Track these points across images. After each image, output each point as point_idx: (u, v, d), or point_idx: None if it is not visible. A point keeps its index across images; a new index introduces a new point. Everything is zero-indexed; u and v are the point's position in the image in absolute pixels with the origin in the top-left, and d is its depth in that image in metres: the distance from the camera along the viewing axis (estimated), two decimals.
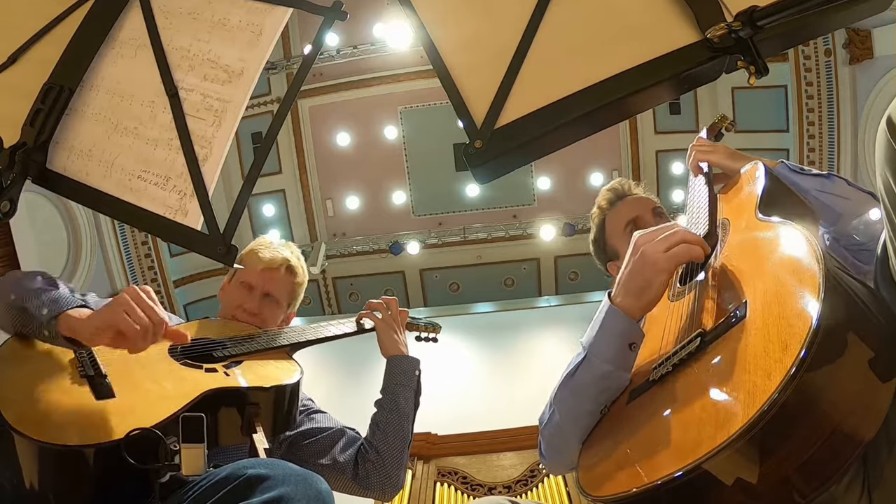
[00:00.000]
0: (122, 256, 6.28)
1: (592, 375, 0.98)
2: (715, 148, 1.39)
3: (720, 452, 0.66)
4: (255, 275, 1.69)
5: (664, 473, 0.71)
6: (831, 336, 0.67)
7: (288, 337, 1.53)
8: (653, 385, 0.90)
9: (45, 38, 1.24)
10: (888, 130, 0.66)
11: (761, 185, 1.10)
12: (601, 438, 0.96)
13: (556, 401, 1.05)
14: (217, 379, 1.24)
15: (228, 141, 1.12)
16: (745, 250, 0.95)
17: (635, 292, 0.96)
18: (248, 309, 1.65)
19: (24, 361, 1.16)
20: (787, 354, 0.67)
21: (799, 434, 0.66)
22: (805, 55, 5.79)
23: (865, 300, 0.74)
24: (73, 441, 0.99)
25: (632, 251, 0.99)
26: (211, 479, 0.93)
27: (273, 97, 6.99)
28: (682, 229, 0.98)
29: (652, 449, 0.79)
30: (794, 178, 1.29)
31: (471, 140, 0.98)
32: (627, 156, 7.49)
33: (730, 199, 1.19)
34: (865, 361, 0.68)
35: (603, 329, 0.98)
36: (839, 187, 1.29)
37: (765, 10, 0.86)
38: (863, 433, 0.67)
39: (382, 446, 1.55)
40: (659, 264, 0.94)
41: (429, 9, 1.09)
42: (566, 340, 5.34)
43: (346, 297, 8.29)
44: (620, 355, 0.97)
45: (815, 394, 0.66)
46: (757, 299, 0.80)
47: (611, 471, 0.86)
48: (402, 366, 1.65)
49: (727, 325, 0.82)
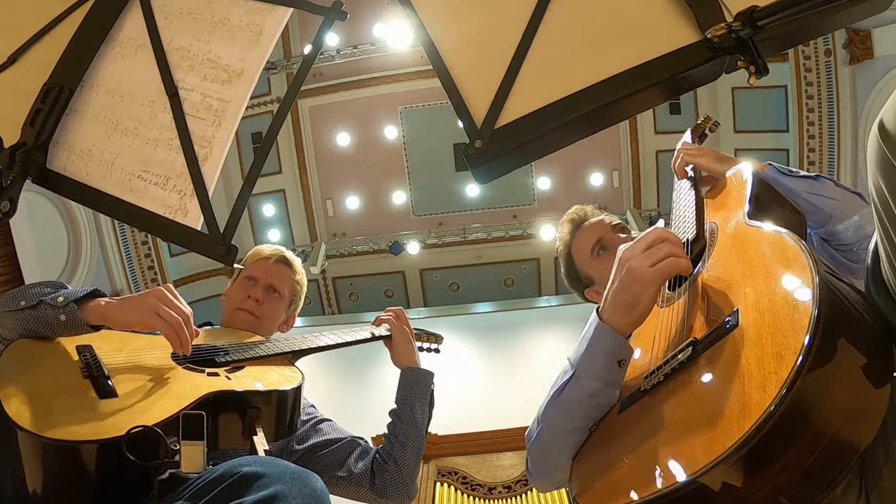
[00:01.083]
0: (122, 256, 6.29)
1: (581, 393, 0.96)
2: (702, 151, 1.36)
3: (716, 466, 0.66)
4: (257, 267, 1.77)
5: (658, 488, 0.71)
6: (825, 344, 0.66)
7: (290, 344, 1.53)
8: (644, 395, 0.89)
9: (45, 38, 1.24)
10: (880, 135, 0.66)
11: (749, 188, 1.08)
12: (593, 451, 0.95)
13: (544, 419, 1.03)
14: (219, 382, 1.24)
15: (228, 141, 1.12)
16: (735, 256, 0.94)
17: (623, 309, 0.94)
18: (253, 296, 1.70)
19: (29, 361, 1.17)
20: (781, 366, 0.66)
21: (796, 445, 0.65)
22: (805, 55, 5.79)
23: (857, 305, 0.73)
24: (75, 437, 0.99)
25: (617, 266, 0.97)
26: (207, 476, 0.93)
27: (273, 97, 7.00)
28: (667, 241, 0.95)
29: (645, 463, 0.78)
30: (783, 181, 1.28)
31: (471, 140, 0.98)
32: (627, 156, 7.50)
33: (717, 203, 1.17)
34: (859, 368, 0.67)
35: (591, 346, 0.96)
36: (828, 189, 1.28)
37: (765, 10, 0.86)
38: (860, 440, 0.66)
39: (401, 458, 1.57)
40: (645, 279, 0.92)
41: (429, 9, 1.09)
42: (566, 340, 5.34)
43: (346, 297, 8.30)
44: (609, 372, 0.95)
45: (811, 403, 0.65)
46: (749, 307, 0.79)
47: (604, 486, 0.85)
48: (419, 379, 1.66)
49: (719, 333, 0.81)
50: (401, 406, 1.63)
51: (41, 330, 1.20)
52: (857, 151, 5.60)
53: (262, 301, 1.71)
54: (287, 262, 1.81)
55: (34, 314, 1.19)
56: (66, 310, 1.18)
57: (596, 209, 1.67)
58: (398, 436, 1.59)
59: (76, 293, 1.21)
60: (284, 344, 1.54)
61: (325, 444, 1.60)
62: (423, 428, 1.62)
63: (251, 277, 1.76)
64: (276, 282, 1.75)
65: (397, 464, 1.56)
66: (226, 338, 1.54)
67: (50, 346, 1.22)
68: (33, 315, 1.19)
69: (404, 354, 1.70)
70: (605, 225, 1.59)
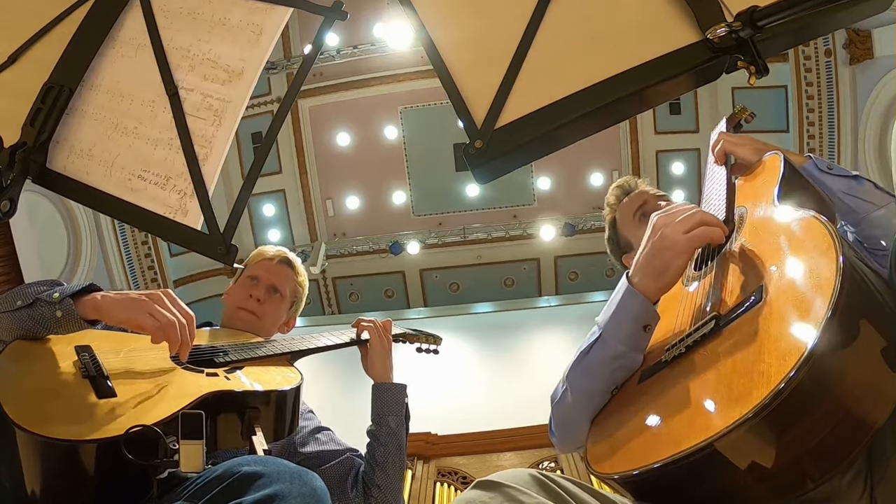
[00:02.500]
0: (122, 256, 6.29)
1: (606, 355, 0.98)
2: (742, 140, 1.37)
3: (732, 431, 0.66)
4: (260, 267, 1.78)
5: (674, 452, 0.71)
6: (846, 322, 0.67)
7: (288, 345, 1.54)
8: (665, 366, 0.90)
9: (45, 38, 1.24)
10: None
11: (780, 175, 1.09)
12: (610, 417, 0.96)
13: (569, 378, 1.05)
14: (218, 383, 1.24)
15: (228, 141, 1.12)
16: (761, 236, 0.95)
17: (653, 274, 0.95)
18: (255, 295, 1.72)
19: (27, 361, 1.17)
20: (802, 339, 0.68)
21: (812, 416, 0.66)
22: (805, 55, 5.79)
23: (881, 290, 0.74)
24: (74, 436, 0.99)
25: (651, 232, 0.99)
26: (206, 476, 0.93)
27: (273, 97, 6.99)
28: (700, 210, 0.98)
29: (662, 429, 0.80)
30: (821, 178, 1.28)
31: (471, 140, 0.98)
32: (627, 156, 7.50)
33: (747, 188, 1.19)
34: (878, 350, 0.68)
35: (619, 309, 0.98)
36: (867, 191, 1.27)
37: (765, 11, 0.86)
38: (873, 419, 0.67)
39: (384, 483, 1.56)
40: (678, 246, 0.94)
41: (429, 9, 1.09)
42: (566, 340, 5.34)
43: (346, 297, 8.30)
44: (635, 336, 0.97)
45: (829, 377, 0.66)
46: (773, 284, 0.80)
47: (619, 449, 0.86)
48: (392, 394, 1.64)
49: (743, 308, 0.82)
50: (377, 426, 1.61)
51: (38, 329, 1.19)
52: (857, 151, 5.60)
53: (263, 301, 1.72)
54: (290, 263, 1.83)
55: (31, 313, 1.18)
56: (62, 305, 1.17)
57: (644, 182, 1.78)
58: (377, 459, 1.57)
59: (72, 288, 1.21)
60: (283, 345, 1.54)
61: (322, 458, 1.59)
62: (402, 445, 1.61)
63: (253, 277, 1.77)
64: (278, 282, 1.76)
65: (381, 489, 1.55)
66: (225, 339, 1.54)
67: (48, 346, 1.22)
68: (30, 314, 1.18)
69: (379, 366, 1.67)
70: (649, 194, 1.68)
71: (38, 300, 1.18)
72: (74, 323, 1.18)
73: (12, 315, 1.20)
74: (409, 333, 1.86)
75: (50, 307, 1.17)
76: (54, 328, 1.19)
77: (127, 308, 1.17)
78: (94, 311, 1.18)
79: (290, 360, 1.50)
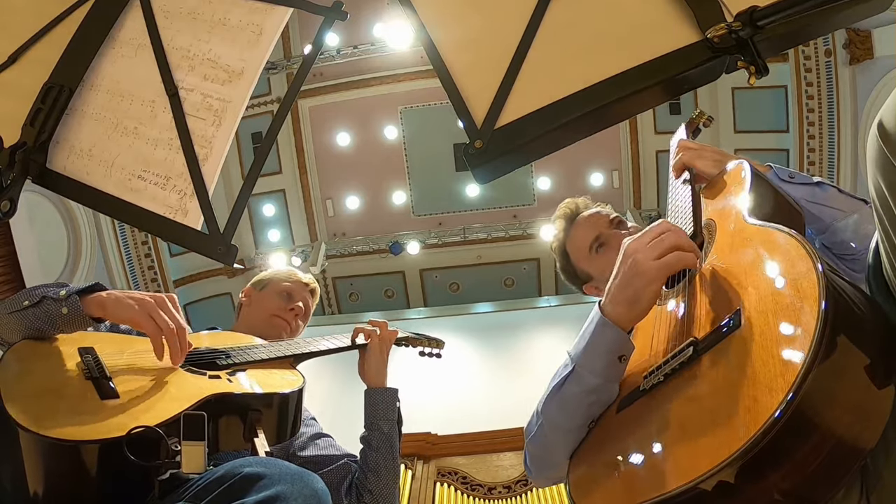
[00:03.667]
0: (122, 256, 6.29)
1: (581, 389, 0.96)
2: (700, 152, 1.29)
3: (720, 471, 0.65)
4: (299, 288, 1.89)
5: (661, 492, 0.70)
6: (831, 345, 0.65)
7: (291, 348, 1.54)
8: (643, 395, 0.87)
9: (45, 38, 1.24)
10: (879, 135, 0.65)
11: (748, 185, 1.06)
12: (591, 451, 0.94)
13: (544, 413, 1.02)
14: (220, 385, 1.24)
15: (228, 141, 1.12)
16: (734, 253, 0.92)
17: (626, 303, 0.93)
18: (297, 311, 1.83)
19: (31, 361, 1.17)
20: (788, 369, 0.65)
21: (803, 448, 0.64)
22: (805, 55, 5.79)
23: (859, 304, 0.72)
24: (76, 437, 0.99)
25: (622, 259, 0.96)
26: (208, 477, 0.93)
27: (273, 97, 7.00)
28: (672, 233, 0.95)
29: (644, 466, 0.78)
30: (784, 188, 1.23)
31: (471, 140, 0.98)
32: (627, 156, 7.51)
33: (714, 199, 1.14)
34: (862, 368, 0.66)
35: (592, 341, 0.95)
36: (830, 197, 1.23)
37: (765, 11, 0.86)
38: (864, 442, 0.65)
39: (376, 489, 1.57)
40: (650, 273, 0.90)
41: (429, 9, 1.09)
42: (566, 340, 5.31)
43: (346, 297, 8.30)
44: (610, 368, 0.94)
45: (817, 406, 0.64)
46: (751, 307, 0.78)
47: (602, 486, 0.85)
48: (385, 399, 1.66)
49: (720, 334, 0.79)
50: (370, 431, 1.62)
51: (44, 327, 1.20)
52: (857, 151, 5.60)
53: (304, 313, 1.86)
54: (315, 294, 1.95)
55: (37, 311, 1.19)
56: (68, 302, 1.19)
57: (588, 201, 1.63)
58: (370, 465, 1.58)
59: (78, 287, 1.23)
60: (286, 347, 1.54)
61: (320, 462, 1.61)
62: (396, 450, 1.63)
63: (290, 294, 1.86)
64: (307, 305, 1.88)
65: (373, 494, 1.56)
66: (227, 341, 1.54)
67: (52, 347, 1.22)
68: (36, 313, 1.19)
69: (374, 371, 1.68)
70: (601, 219, 1.55)
71: (45, 298, 1.20)
72: (80, 320, 1.20)
73: (20, 315, 1.20)
74: (412, 337, 1.86)
75: (56, 304, 1.19)
76: (61, 325, 1.20)
77: (130, 307, 1.20)
78: (99, 309, 1.20)
79: (292, 363, 1.51)
